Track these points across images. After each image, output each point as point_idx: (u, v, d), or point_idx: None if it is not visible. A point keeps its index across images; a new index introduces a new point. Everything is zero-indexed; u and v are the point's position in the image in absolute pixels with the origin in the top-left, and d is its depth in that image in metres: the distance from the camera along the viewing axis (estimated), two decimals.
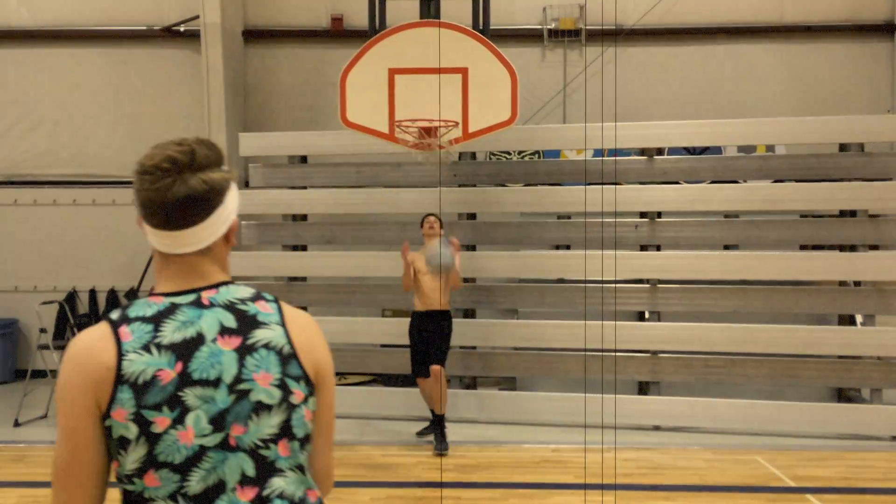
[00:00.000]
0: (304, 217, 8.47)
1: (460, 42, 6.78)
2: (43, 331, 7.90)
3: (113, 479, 1.59)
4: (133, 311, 1.60)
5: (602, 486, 5.58)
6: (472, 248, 8.10)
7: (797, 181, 7.76)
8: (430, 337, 6.74)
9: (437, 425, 6.69)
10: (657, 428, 7.37)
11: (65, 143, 10.15)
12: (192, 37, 9.69)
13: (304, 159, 8.48)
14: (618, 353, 7.51)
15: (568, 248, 8.27)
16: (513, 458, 6.48)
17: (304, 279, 8.38)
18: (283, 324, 1.66)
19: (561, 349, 7.63)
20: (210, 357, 1.56)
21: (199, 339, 1.57)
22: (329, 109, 8.87)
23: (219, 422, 1.54)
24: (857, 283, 7.67)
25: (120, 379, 1.52)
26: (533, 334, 7.66)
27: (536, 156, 8.68)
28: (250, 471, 1.55)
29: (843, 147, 7.71)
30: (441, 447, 6.56)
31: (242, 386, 1.57)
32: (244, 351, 1.59)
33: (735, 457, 6.47)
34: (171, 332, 1.56)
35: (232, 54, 9.65)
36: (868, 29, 9.74)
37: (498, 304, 8.08)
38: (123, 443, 1.51)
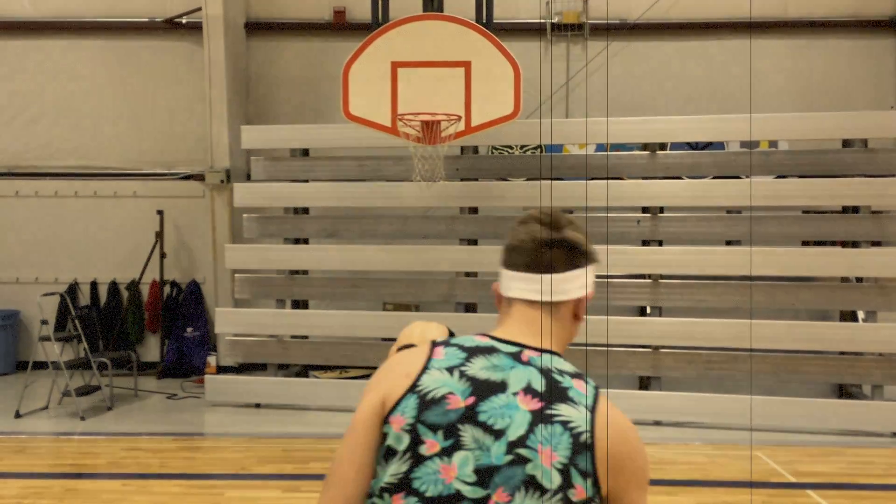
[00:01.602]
0: (305, 210, 8.46)
1: (463, 35, 6.76)
2: (44, 322, 7.91)
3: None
4: (456, 340, 1.60)
5: None
6: (475, 242, 8.09)
7: (800, 177, 7.74)
8: None
9: None
10: (658, 423, 7.37)
11: (67, 135, 10.14)
12: (195, 29, 9.66)
13: (306, 152, 8.47)
14: (619, 348, 7.51)
15: None
16: None
17: (305, 272, 8.38)
18: (592, 410, 1.50)
19: None
20: (504, 407, 1.48)
21: (501, 386, 1.51)
22: (331, 102, 8.85)
23: (485, 476, 1.44)
24: (859, 280, 7.66)
25: (413, 387, 1.51)
26: None
27: (539, 150, 8.66)
28: None
29: (846, 143, 7.69)
30: None
31: (523, 451, 1.45)
32: (539, 418, 1.48)
33: (736, 452, 6.47)
34: (478, 368, 1.53)
35: (234, 47, 9.63)
36: (872, 25, 9.71)
37: None
38: (390, 453, 1.48)
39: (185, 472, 6.01)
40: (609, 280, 7.65)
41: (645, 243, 7.81)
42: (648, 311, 7.87)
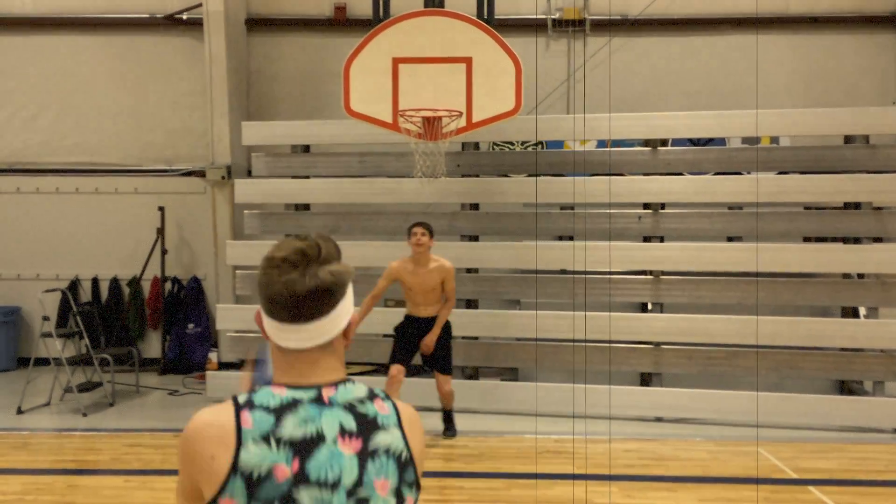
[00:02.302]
0: (306, 206, 8.45)
1: (464, 31, 6.75)
2: (46, 319, 7.91)
3: None
4: (258, 399, 1.58)
5: (605, 477, 5.59)
6: (475, 238, 8.09)
7: (801, 173, 7.73)
8: (416, 340, 6.60)
9: (444, 416, 6.82)
10: (659, 419, 7.37)
11: (67, 132, 10.13)
12: (195, 25, 9.65)
13: (306, 148, 8.46)
14: (620, 345, 7.51)
15: (571, 238, 8.25)
16: (515, 448, 6.49)
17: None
18: (400, 426, 1.62)
19: (563, 340, 7.62)
20: (330, 459, 1.53)
21: (318, 439, 1.54)
22: (332, 98, 8.84)
23: None
24: (860, 276, 7.65)
25: (235, 468, 1.50)
26: (535, 325, 7.65)
27: (540, 146, 8.65)
28: None
29: (848, 139, 7.68)
30: (449, 432, 6.72)
31: (363, 493, 1.54)
32: (365, 455, 1.56)
33: (737, 448, 6.47)
34: (292, 428, 1.54)
35: (235, 43, 9.62)
36: (874, 20, 9.69)
37: (500, 294, 8.07)
38: None
39: None
40: (610, 276, 7.64)
41: (646, 240, 7.80)
42: (649, 307, 7.87)
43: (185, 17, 9.87)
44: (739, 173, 7.98)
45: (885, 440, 6.82)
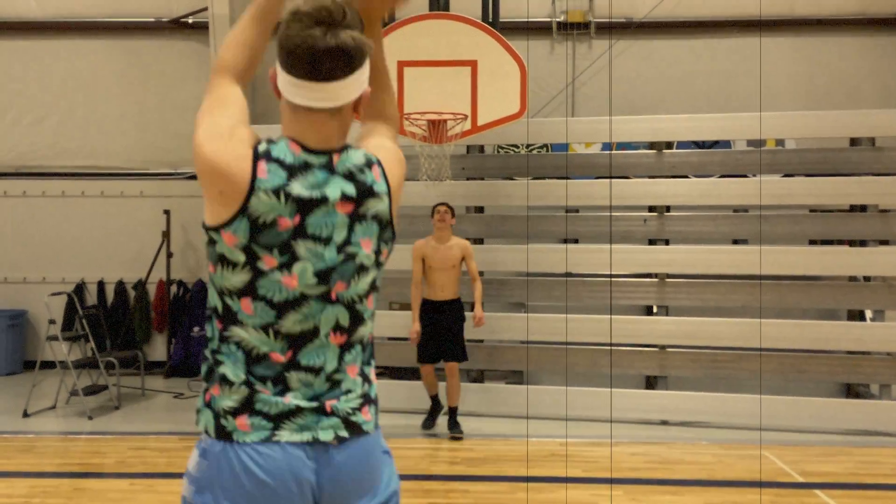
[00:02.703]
0: None
1: (469, 35, 6.76)
2: (52, 322, 7.92)
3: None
4: (275, 152, 1.70)
5: (610, 481, 5.58)
6: (480, 241, 8.09)
7: (807, 175, 7.71)
8: (440, 327, 6.80)
9: (451, 415, 6.82)
10: (665, 422, 7.36)
11: (73, 135, 10.16)
12: (201, 28, 9.68)
13: None
14: (625, 348, 7.50)
15: (576, 241, 8.25)
16: (520, 451, 6.48)
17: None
18: (388, 193, 1.79)
19: (569, 343, 7.61)
20: (326, 217, 1.70)
21: (322, 201, 1.70)
22: None
23: (324, 276, 1.71)
24: (866, 279, 7.63)
25: (244, 210, 1.65)
26: (540, 328, 7.64)
27: (545, 149, 8.65)
28: (345, 321, 1.74)
29: (853, 141, 7.67)
30: (457, 431, 6.74)
31: (350, 249, 1.74)
32: (355, 218, 1.73)
33: (743, 452, 6.45)
34: (300, 188, 1.68)
35: None
36: (879, 22, 9.67)
37: (505, 297, 8.07)
38: (226, 262, 1.68)
39: None
40: (615, 279, 7.64)
41: (651, 242, 7.79)
42: (655, 310, 7.86)
43: (190, 20, 9.90)
44: (744, 176, 7.97)
45: (891, 444, 6.79)
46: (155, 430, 7.14)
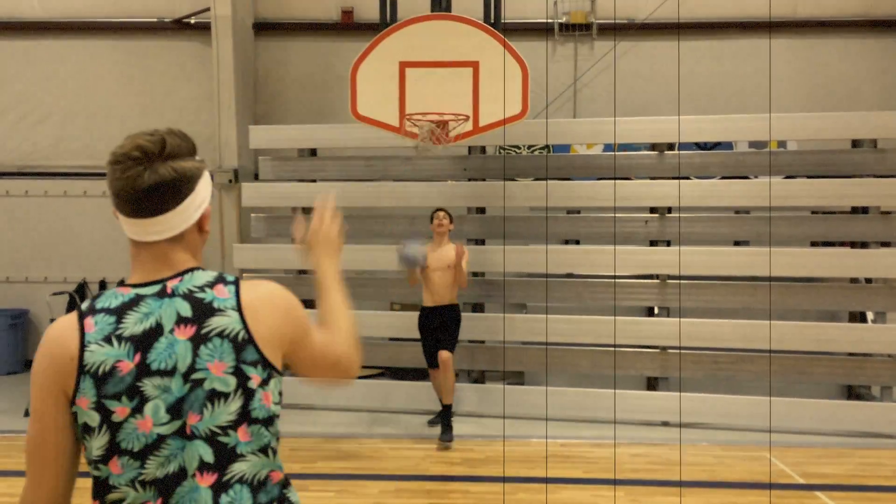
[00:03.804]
0: (313, 210, 8.46)
1: (471, 35, 6.76)
2: (53, 321, 7.93)
3: (85, 468, 1.66)
4: (100, 303, 1.66)
5: (611, 482, 5.58)
6: (482, 242, 8.09)
7: (808, 177, 7.71)
8: (439, 330, 6.85)
9: (444, 416, 6.75)
10: (666, 424, 7.36)
11: (75, 135, 10.18)
12: (203, 29, 9.69)
13: (313, 152, 8.48)
14: (627, 349, 7.50)
15: (577, 242, 8.24)
16: (521, 452, 6.49)
17: (313, 272, 8.37)
18: (238, 308, 1.66)
19: (569, 344, 7.62)
20: (167, 347, 1.60)
21: (157, 330, 1.61)
22: (339, 102, 8.87)
23: (175, 411, 1.59)
24: (868, 280, 7.63)
25: (82, 369, 1.59)
26: (541, 329, 7.64)
27: (546, 150, 8.66)
28: (209, 457, 1.60)
29: (855, 143, 7.66)
30: (445, 437, 6.61)
31: (196, 375, 1.61)
32: (198, 340, 1.62)
33: (744, 453, 6.45)
34: (133, 325, 1.62)
35: (242, 47, 9.65)
36: (882, 24, 9.67)
37: (506, 298, 8.07)
38: (88, 430, 1.60)
39: None
40: (616, 280, 7.64)
41: (653, 243, 7.79)
42: (656, 311, 7.86)
43: (192, 21, 9.91)
44: (746, 177, 7.97)
45: (892, 445, 6.79)
46: None
